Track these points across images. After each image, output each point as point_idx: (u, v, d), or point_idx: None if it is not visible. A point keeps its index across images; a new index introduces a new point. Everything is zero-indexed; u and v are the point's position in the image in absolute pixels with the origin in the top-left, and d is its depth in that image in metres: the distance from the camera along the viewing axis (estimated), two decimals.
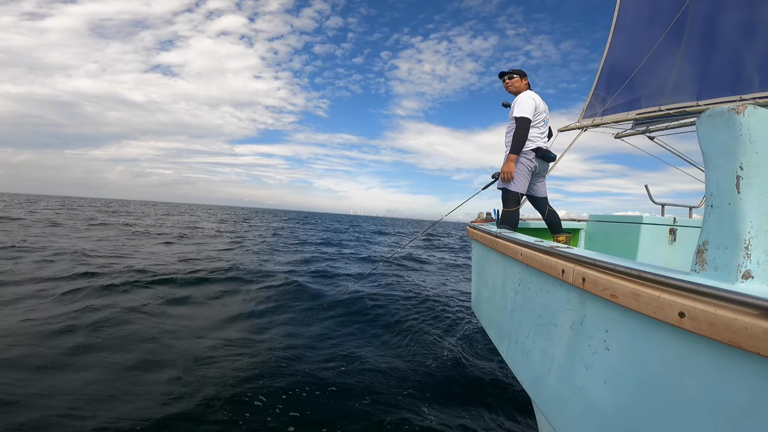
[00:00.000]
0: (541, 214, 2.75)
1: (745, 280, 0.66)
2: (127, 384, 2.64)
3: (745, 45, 2.79)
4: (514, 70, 2.70)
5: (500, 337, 1.74)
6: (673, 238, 3.04)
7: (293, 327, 4.12)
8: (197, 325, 3.93)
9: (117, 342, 3.32)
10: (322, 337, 3.83)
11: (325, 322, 4.36)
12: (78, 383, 2.57)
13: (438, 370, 3.25)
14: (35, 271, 5.87)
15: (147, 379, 2.74)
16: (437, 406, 2.70)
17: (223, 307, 4.76)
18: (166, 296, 4.89)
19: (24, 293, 4.59)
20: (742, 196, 0.68)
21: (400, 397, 2.75)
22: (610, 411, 0.87)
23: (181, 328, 3.80)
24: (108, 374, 2.75)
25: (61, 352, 3.01)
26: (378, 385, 2.89)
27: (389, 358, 3.42)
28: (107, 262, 6.84)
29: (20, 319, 3.67)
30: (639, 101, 3.40)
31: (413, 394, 2.83)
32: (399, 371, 3.16)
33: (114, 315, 3.94)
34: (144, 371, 2.85)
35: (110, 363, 2.92)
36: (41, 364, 2.80)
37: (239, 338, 3.65)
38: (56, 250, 7.80)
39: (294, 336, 3.82)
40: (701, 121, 0.75)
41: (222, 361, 3.09)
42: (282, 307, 4.84)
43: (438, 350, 3.68)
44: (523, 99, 2.51)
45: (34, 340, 3.20)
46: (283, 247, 12.29)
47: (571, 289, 1.06)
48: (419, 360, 3.44)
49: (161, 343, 3.37)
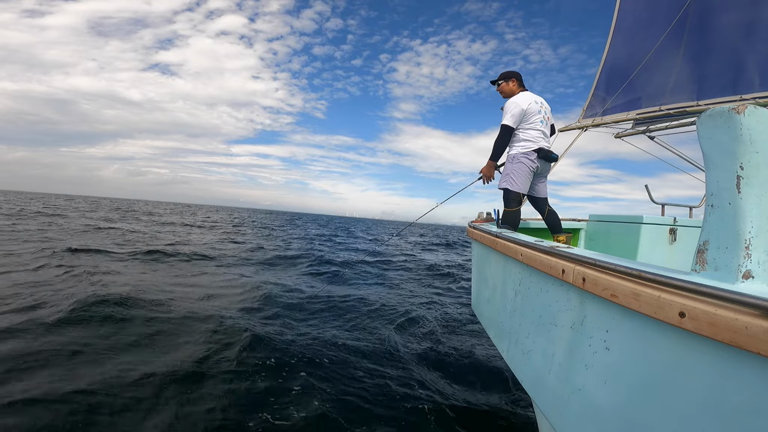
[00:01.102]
0: (541, 214, 2.75)
1: (745, 280, 0.66)
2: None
3: (746, 45, 2.79)
4: (501, 74, 2.71)
5: (500, 337, 1.74)
6: (674, 238, 3.04)
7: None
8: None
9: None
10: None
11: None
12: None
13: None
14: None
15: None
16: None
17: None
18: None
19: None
20: (743, 195, 0.68)
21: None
22: (611, 411, 0.87)
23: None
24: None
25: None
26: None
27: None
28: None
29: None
30: (639, 101, 3.40)
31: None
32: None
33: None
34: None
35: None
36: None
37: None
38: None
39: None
40: (701, 120, 0.75)
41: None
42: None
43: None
44: (508, 106, 2.52)
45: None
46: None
47: (571, 289, 1.06)
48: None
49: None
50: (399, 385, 2.91)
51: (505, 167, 2.61)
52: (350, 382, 2.90)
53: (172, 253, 8.46)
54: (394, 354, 3.50)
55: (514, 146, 2.56)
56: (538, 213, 2.78)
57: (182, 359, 2.96)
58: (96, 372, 2.65)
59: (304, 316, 4.56)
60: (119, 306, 4.00)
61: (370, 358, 3.38)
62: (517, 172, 2.51)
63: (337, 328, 4.19)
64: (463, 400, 2.79)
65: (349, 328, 4.23)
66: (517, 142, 2.55)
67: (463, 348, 3.77)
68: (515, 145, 2.55)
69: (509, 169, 2.55)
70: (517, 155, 2.53)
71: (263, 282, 6.23)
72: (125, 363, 2.84)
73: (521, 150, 2.52)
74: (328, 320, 4.46)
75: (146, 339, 3.34)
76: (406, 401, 2.68)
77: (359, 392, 2.76)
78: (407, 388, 2.87)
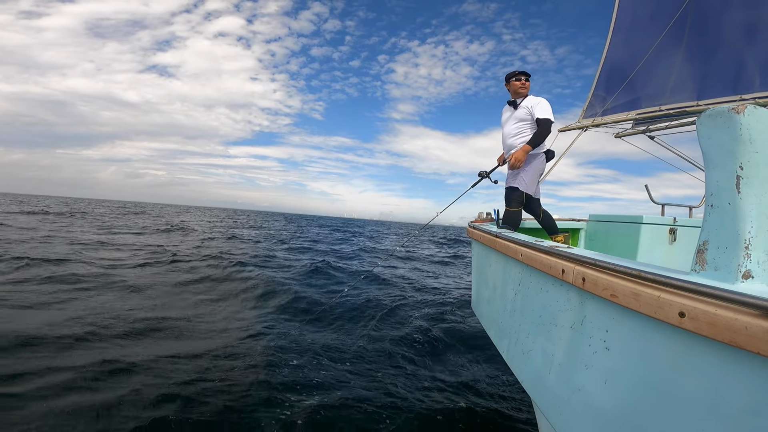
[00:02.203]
0: (536, 216, 2.73)
1: (745, 280, 0.66)
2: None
3: (746, 45, 2.78)
4: (523, 72, 2.66)
5: (500, 337, 1.74)
6: (673, 238, 3.04)
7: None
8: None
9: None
10: None
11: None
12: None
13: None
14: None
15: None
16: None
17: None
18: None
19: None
20: (742, 195, 0.68)
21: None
22: (610, 411, 0.87)
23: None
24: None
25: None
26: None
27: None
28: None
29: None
30: (639, 101, 3.40)
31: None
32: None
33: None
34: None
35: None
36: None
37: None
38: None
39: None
40: (701, 120, 0.75)
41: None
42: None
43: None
44: (546, 103, 2.53)
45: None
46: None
47: (571, 289, 1.06)
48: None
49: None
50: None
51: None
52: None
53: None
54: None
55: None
56: (532, 215, 2.76)
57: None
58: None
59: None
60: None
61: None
62: (528, 172, 2.51)
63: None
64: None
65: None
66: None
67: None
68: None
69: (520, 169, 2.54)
70: (529, 156, 2.52)
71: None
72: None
73: (534, 151, 2.51)
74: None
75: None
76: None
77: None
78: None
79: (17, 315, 3.84)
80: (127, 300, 4.78)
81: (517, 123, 2.59)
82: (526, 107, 2.55)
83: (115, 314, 4.08)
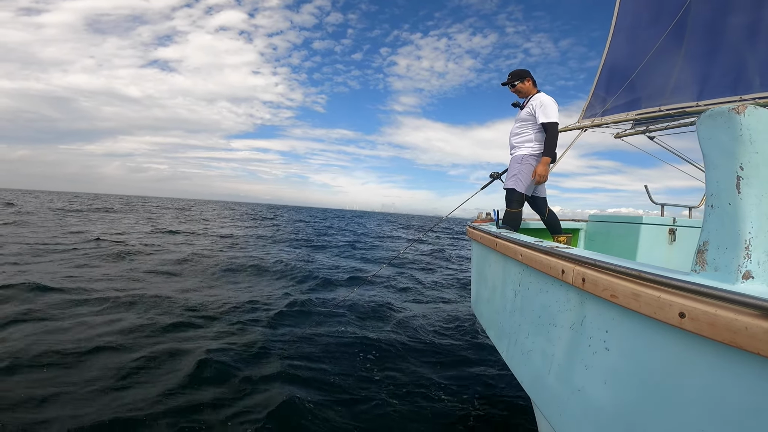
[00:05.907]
0: (541, 215, 2.74)
1: (745, 281, 0.66)
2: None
3: (746, 45, 2.78)
4: (514, 74, 2.62)
5: (500, 337, 1.74)
6: (673, 238, 3.04)
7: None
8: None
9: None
10: None
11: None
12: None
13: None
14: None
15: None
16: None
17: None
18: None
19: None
20: (743, 196, 0.68)
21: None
22: (610, 411, 0.87)
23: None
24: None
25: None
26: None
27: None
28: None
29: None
30: (639, 101, 3.40)
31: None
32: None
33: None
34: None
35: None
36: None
37: None
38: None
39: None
40: (701, 121, 0.75)
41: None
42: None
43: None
44: (549, 104, 2.44)
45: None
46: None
47: (570, 290, 1.06)
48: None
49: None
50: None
51: (513, 167, 2.59)
52: None
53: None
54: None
55: (524, 147, 2.54)
56: (537, 214, 2.76)
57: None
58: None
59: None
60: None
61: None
62: (525, 174, 2.49)
63: None
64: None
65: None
66: (528, 143, 2.52)
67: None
68: (525, 145, 2.53)
69: (517, 169, 2.53)
70: (526, 156, 2.51)
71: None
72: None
73: (532, 151, 2.50)
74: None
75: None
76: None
77: None
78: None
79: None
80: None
81: (519, 123, 2.58)
82: (529, 107, 2.54)
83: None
